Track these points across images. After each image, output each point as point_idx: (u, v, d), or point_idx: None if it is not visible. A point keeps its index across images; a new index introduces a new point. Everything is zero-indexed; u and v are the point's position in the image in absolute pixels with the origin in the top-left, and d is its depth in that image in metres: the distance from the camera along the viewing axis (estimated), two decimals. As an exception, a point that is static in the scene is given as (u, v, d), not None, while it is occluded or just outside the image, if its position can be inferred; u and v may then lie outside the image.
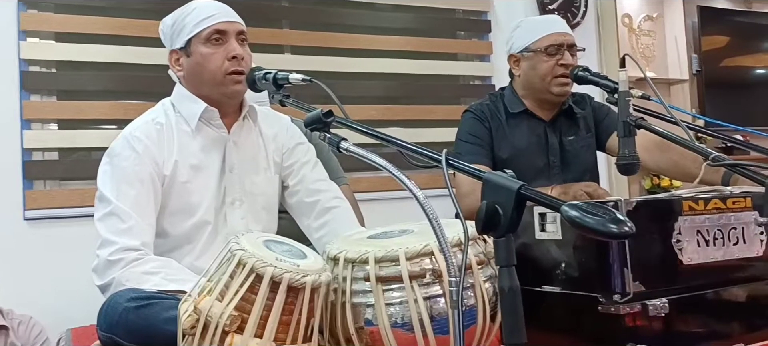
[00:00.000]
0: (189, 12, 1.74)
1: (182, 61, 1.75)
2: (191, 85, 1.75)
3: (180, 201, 1.70)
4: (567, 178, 2.35)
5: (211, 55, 1.70)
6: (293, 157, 1.89)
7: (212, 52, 1.70)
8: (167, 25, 1.78)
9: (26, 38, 2.93)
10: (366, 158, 1.27)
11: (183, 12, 1.75)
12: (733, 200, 1.53)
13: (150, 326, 1.36)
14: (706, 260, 1.48)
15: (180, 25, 1.73)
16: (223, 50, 1.70)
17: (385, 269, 1.30)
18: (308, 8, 3.54)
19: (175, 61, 1.76)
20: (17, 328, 2.56)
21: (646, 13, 4.47)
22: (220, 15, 1.73)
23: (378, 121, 3.49)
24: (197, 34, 1.70)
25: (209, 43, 1.70)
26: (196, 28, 1.70)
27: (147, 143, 1.68)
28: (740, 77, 4.76)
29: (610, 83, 1.92)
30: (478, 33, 3.95)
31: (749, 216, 1.55)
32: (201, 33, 1.70)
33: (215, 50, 1.70)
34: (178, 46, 1.74)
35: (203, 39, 1.70)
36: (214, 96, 1.74)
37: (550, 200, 0.98)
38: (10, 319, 2.55)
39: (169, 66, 1.79)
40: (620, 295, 1.37)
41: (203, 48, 1.70)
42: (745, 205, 1.55)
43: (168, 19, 1.79)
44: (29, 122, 2.91)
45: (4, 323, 2.51)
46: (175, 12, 1.78)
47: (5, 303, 2.54)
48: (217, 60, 1.70)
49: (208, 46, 1.70)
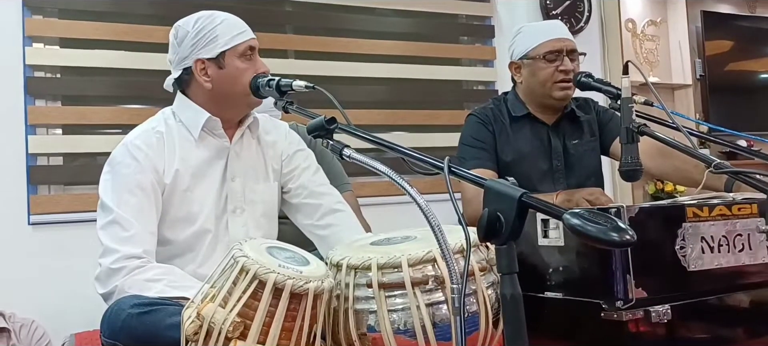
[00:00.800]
0: (218, 22, 1.73)
1: (211, 72, 1.74)
2: (215, 95, 1.75)
3: (181, 209, 1.71)
4: (571, 181, 2.35)
5: (246, 70, 1.73)
6: (293, 163, 1.91)
7: (246, 67, 1.74)
8: (187, 32, 1.74)
9: (31, 44, 2.94)
10: (368, 165, 1.27)
11: (209, 21, 1.74)
12: (739, 207, 1.53)
13: (153, 333, 1.36)
14: (711, 267, 1.48)
15: (210, 35, 1.72)
16: (253, 66, 1.75)
17: (387, 275, 1.30)
18: (312, 13, 3.55)
19: (200, 70, 1.73)
20: (19, 331, 2.56)
21: (649, 18, 4.47)
22: (249, 32, 1.78)
23: (381, 125, 3.49)
24: (233, 48, 1.73)
25: (244, 58, 1.74)
26: (232, 41, 1.73)
27: (147, 152, 1.69)
28: (744, 82, 4.75)
29: (613, 90, 1.92)
30: (482, 38, 3.95)
31: (755, 223, 1.55)
32: (237, 47, 1.73)
33: (248, 65, 1.74)
34: (207, 56, 1.72)
35: (239, 53, 1.73)
36: (238, 107, 1.78)
37: (552, 208, 0.98)
38: (12, 322, 2.56)
39: (170, 74, 1.78)
40: (623, 301, 1.37)
41: (239, 62, 1.73)
42: (751, 211, 1.55)
43: (186, 25, 1.75)
44: (34, 127, 2.92)
45: (5, 326, 2.52)
46: (196, 19, 1.75)
47: (9, 307, 2.55)
48: (249, 75, 1.73)
49: (243, 61, 1.74)
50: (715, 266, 1.49)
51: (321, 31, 3.53)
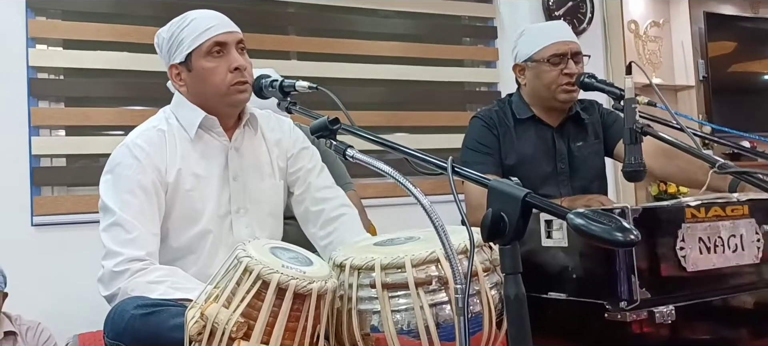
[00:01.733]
0: (185, 24, 1.70)
1: (184, 76, 1.72)
2: (194, 99, 1.73)
3: (184, 209, 1.69)
4: (575, 184, 2.34)
5: (214, 69, 1.67)
6: (298, 163, 1.88)
7: (214, 66, 1.67)
8: (163, 39, 1.74)
9: (35, 45, 2.95)
10: (371, 165, 1.27)
11: (179, 24, 1.71)
12: (732, 208, 1.53)
13: (157, 334, 1.36)
14: (708, 267, 1.48)
15: (178, 39, 1.70)
16: (225, 62, 1.68)
17: (391, 275, 1.30)
18: (314, 15, 3.55)
19: (176, 76, 1.73)
20: (25, 334, 2.57)
21: (652, 19, 4.46)
22: (218, 26, 1.69)
23: (383, 127, 3.49)
24: (197, 48, 1.68)
25: (210, 56, 1.67)
26: (195, 41, 1.67)
27: (148, 151, 1.66)
28: (747, 83, 4.75)
29: (616, 90, 1.92)
30: (484, 39, 3.95)
31: (747, 224, 1.55)
32: (201, 46, 1.67)
33: (217, 63, 1.68)
34: (178, 60, 1.71)
35: (204, 52, 1.67)
36: (220, 108, 1.73)
37: (556, 208, 0.98)
38: (18, 325, 2.56)
39: (169, 78, 1.77)
40: (627, 302, 1.37)
41: (205, 62, 1.68)
42: (743, 212, 1.55)
43: (163, 32, 1.75)
44: (37, 129, 2.92)
45: (12, 329, 2.53)
46: (170, 25, 1.74)
47: (13, 309, 2.55)
48: (220, 73, 1.68)
49: (209, 60, 1.67)
50: (711, 267, 1.49)
51: (323, 33, 3.53)
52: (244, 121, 1.79)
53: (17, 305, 2.56)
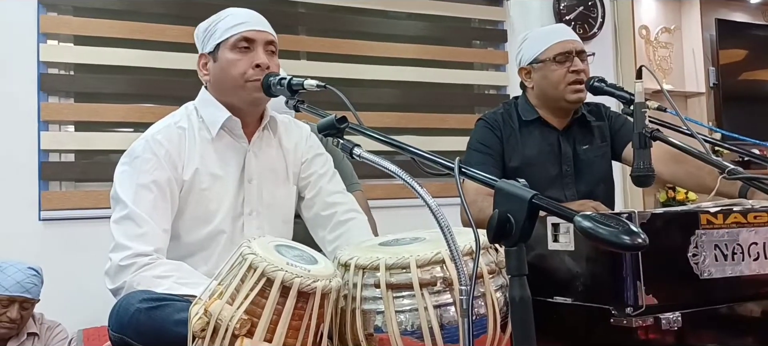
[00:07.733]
0: (222, 18, 1.75)
1: (209, 66, 1.76)
2: (215, 91, 1.76)
3: (198, 208, 1.70)
4: (580, 187, 2.33)
5: (236, 61, 1.70)
6: (311, 168, 1.88)
7: (238, 59, 1.70)
8: (201, 29, 1.79)
9: (46, 40, 2.96)
10: (379, 165, 1.27)
11: (217, 17, 1.77)
12: (755, 215, 1.51)
13: (161, 328, 1.36)
14: (724, 275, 1.46)
15: (212, 30, 1.75)
16: (249, 58, 1.70)
17: (395, 276, 1.29)
18: (324, 15, 3.56)
19: (202, 66, 1.77)
20: (44, 333, 2.59)
21: (663, 25, 4.44)
22: (251, 23, 1.74)
23: (392, 128, 3.49)
24: (225, 40, 1.72)
25: (236, 49, 1.71)
26: (225, 33, 1.72)
27: (168, 147, 1.67)
28: (758, 91, 4.72)
29: (625, 94, 1.91)
30: (494, 42, 3.94)
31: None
32: (229, 39, 1.71)
33: (241, 57, 1.70)
34: (207, 50, 1.75)
35: (230, 45, 1.71)
36: (236, 102, 1.73)
37: (563, 210, 0.97)
38: (39, 324, 2.58)
39: (184, 73, 1.79)
40: (632, 308, 1.36)
41: (229, 54, 1.71)
42: (766, 220, 1.53)
43: (203, 23, 1.80)
44: (47, 124, 2.94)
45: (34, 331, 2.54)
46: (212, 17, 1.79)
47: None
48: (241, 66, 1.70)
49: (234, 53, 1.71)
50: (728, 275, 1.47)
51: (333, 33, 3.54)
52: (263, 123, 1.79)
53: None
